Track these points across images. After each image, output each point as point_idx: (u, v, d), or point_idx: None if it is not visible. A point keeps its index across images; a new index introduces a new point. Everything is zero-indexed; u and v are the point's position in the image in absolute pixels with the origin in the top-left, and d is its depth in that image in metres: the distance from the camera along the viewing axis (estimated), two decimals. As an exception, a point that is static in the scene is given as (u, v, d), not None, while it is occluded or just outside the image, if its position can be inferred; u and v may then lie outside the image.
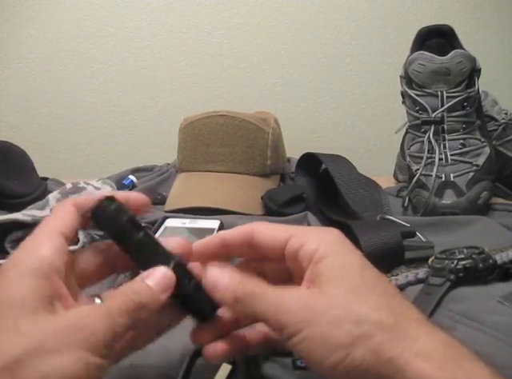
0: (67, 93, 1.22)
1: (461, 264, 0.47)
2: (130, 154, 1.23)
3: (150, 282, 0.29)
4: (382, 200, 0.75)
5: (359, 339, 0.26)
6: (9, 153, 0.79)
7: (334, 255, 0.30)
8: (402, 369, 0.26)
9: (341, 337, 0.26)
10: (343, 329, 0.27)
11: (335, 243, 0.31)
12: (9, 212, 0.63)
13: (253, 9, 1.18)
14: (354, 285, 0.28)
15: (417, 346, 0.26)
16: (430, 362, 0.26)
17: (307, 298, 0.28)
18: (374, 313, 0.27)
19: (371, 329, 0.27)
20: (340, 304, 0.28)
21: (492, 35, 1.18)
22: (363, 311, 0.27)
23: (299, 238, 0.31)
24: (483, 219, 0.67)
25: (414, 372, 0.25)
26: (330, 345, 0.27)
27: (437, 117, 0.74)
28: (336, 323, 0.27)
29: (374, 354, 0.26)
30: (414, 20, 1.16)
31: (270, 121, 0.87)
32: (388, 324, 0.27)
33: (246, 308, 0.30)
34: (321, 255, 0.29)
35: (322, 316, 0.27)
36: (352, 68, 1.21)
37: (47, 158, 1.20)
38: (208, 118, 0.84)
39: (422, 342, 0.26)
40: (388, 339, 0.26)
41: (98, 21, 1.19)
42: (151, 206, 0.33)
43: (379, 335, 0.26)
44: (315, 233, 0.31)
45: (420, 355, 0.26)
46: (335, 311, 0.27)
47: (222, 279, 0.31)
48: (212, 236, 0.34)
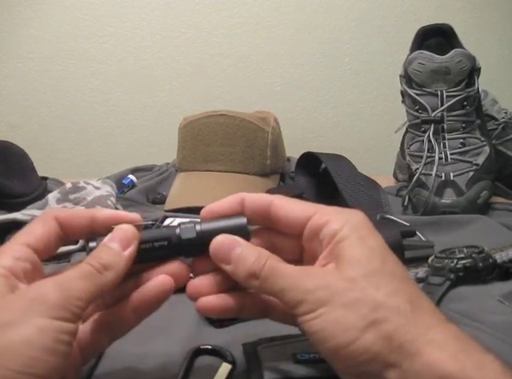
0: (67, 93, 1.22)
1: (461, 263, 0.47)
2: (129, 154, 1.23)
3: (112, 244, 0.30)
4: (381, 199, 0.75)
5: (373, 324, 0.26)
6: (9, 153, 0.79)
7: (357, 237, 0.29)
8: (412, 356, 0.25)
9: (355, 320, 0.26)
10: (359, 312, 0.27)
11: (360, 225, 0.30)
12: (8, 212, 0.63)
13: (252, 9, 1.18)
14: (374, 270, 0.28)
15: (430, 335, 0.26)
16: (442, 351, 0.25)
17: (326, 278, 0.28)
18: (391, 298, 0.27)
19: (386, 315, 0.26)
20: (358, 287, 0.27)
21: (492, 34, 1.18)
22: (380, 296, 0.27)
23: (324, 216, 0.30)
24: (483, 218, 0.67)
25: (424, 359, 0.25)
26: (343, 326, 0.26)
27: (436, 117, 0.74)
28: (352, 305, 0.27)
29: (386, 340, 0.26)
30: (414, 19, 1.16)
31: (269, 121, 0.87)
32: (404, 310, 0.27)
33: (264, 284, 0.29)
34: (344, 235, 0.29)
35: (339, 297, 0.27)
36: (351, 67, 1.21)
37: (47, 158, 1.20)
38: (208, 118, 0.84)
39: (435, 331, 0.26)
40: (402, 325, 0.26)
41: (98, 20, 1.19)
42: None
43: (394, 321, 0.26)
44: (341, 212, 0.31)
45: (432, 343, 0.26)
46: (353, 293, 0.27)
47: (234, 246, 0.30)
48: (233, 195, 0.33)
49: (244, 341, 0.38)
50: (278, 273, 0.29)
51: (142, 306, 0.31)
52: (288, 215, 0.31)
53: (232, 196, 0.33)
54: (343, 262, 0.28)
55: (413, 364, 0.25)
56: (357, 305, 0.27)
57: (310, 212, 0.31)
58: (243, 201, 0.32)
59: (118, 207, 0.69)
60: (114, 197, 0.69)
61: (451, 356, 0.25)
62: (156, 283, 0.31)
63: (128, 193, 0.85)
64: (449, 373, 0.25)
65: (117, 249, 0.30)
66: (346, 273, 0.28)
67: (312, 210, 0.31)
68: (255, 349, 0.37)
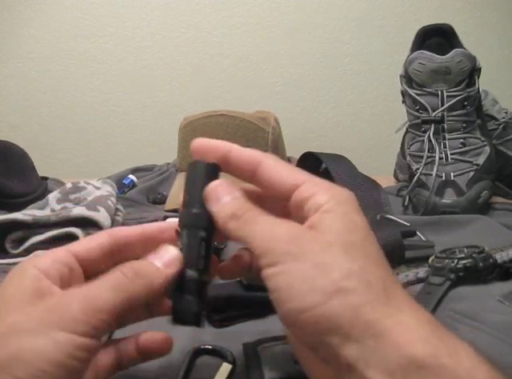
0: (67, 93, 1.22)
1: (461, 263, 0.47)
2: (130, 154, 1.23)
3: (154, 260, 0.29)
4: (382, 199, 0.75)
5: (341, 291, 0.25)
6: (9, 153, 0.79)
7: (341, 211, 0.28)
8: (378, 335, 0.24)
9: (324, 283, 0.25)
10: (329, 276, 0.25)
11: (346, 202, 0.29)
12: (9, 212, 0.63)
13: (252, 9, 1.18)
14: (353, 243, 0.27)
15: (400, 316, 0.25)
16: (412, 334, 0.24)
17: (301, 233, 0.27)
18: (365, 272, 0.26)
19: (357, 286, 0.25)
20: (333, 252, 0.26)
21: (492, 34, 1.18)
22: (355, 267, 0.26)
23: (311, 188, 0.29)
24: (483, 218, 0.67)
25: (392, 340, 0.24)
26: (310, 287, 0.25)
27: (437, 117, 0.74)
28: (324, 268, 0.25)
29: (352, 311, 0.24)
30: (414, 19, 1.16)
31: (269, 121, 0.87)
32: (376, 288, 0.25)
33: (239, 224, 0.28)
34: (328, 208, 0.28)
35: (312, 256, 0.26)
36: (351, 67, 1.21)
37: (47, 158, 1.21)
38: (208, 118, 0.84)
39: (406, 314, 0.25)
40: (371, 301, 0.25)
41: (98, 20, 1.19)
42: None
43: (364, 294, 0.25)
44: (329, 187, 0.29)
45: (402, 325, 0.24)
46: (327, 256, 0.26)
47: (225, 194, 0.30)
48: (219, 142, 0.32)
49: (244, 341, 0.38)
50: (258, 219, 0.28)
51: (145, 352, 0.31)
52: (275, 180, 0.30)
53: (220, 143, 0.32)
54: (323, 229, 0.27)
55: (378, 343, 0.24)
56: (329, 269, 0.25)
57: (299, 181, 0.29)
58: (229, 154, 0.31)
59: (119, 207, 0.69)
60: (115, 197, 0.69)
61: (422, 340, 0.24)
62: (159, 343, 0.31)
63: (128, 193, 0.85)
64: (419, 357, 0.23)
65: (157, 265, 0.29)
66: (324, 238, 0.27)
67: (300, 179, 0.29)
68: (255, 349, 0.37)
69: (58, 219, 0.59)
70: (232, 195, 0.30)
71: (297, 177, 0.30)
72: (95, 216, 0.59)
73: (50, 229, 0.58)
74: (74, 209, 0.61)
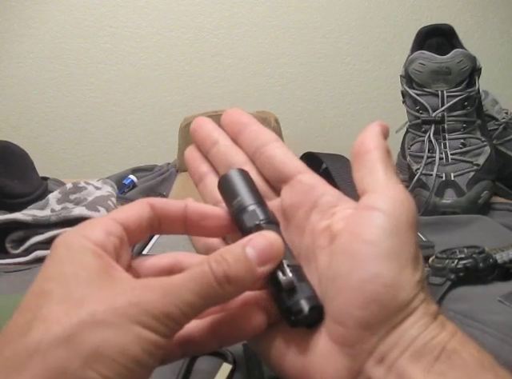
0: (67, 93, 1.22)
1: (461, 263, 0.47)
2: (130, 154, 1.23)
3: (250, 251, 0.25)
4: (382, 199, 0.75)
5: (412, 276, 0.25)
6: (9, 153, 0.79)
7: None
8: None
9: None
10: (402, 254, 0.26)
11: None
12: (9, 212, 0.63)
13: (253, 9, 1.18)
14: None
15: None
16: (450, 333, 0.25)
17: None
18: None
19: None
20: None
21: (492, 34, 1.18)
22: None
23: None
24: (484, 218, 0.67)
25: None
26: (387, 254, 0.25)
27: (437, 117, 0.74)
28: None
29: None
30: (414, 19, 1.16)
31: (270, 121, 0.87)
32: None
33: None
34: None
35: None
36: (351, 67, 1.21)
37: (47, 158, 1.20)
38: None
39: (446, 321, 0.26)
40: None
41: (98, 20, 1.19)
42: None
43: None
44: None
45: (442, 325, 0.26)
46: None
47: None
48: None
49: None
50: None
51: (226, 337, 0.28)
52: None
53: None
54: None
55: (417, 330, 0.25)
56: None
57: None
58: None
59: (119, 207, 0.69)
60: (115, 198, 0.69)
61: (455, 337, 0.25)
62: (251, 325, 0.28)
63: (129, 194, 0.85)
64: (449, 345, 0.25)
65: (252, 262, 0.25)
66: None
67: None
68: (256, 349, 0.37)
69: (58, 219, 0.59)
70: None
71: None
72: (95, 216, 0.59)
73: (50, 229, 0.58)
74: (74, 210, 0.61)
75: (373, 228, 0.26)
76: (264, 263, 0.26)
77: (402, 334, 0.25)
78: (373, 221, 0.26)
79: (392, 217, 0.26)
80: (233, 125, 0.35)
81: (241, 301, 0.29)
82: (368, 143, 0.30)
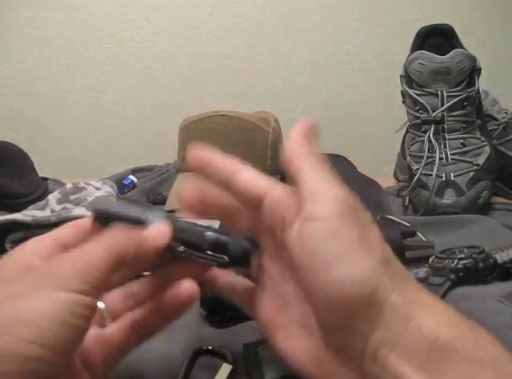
0: (67, 93, 1.22)
1: (461, 263, 0.47)
2: (130, 154, 1.23)
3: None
4: (382, 199, 0.75)
5: (384, 262, 0.26)
6: (9, 153, 0.79)
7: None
8: (405, 320, 0.25)
9: (367, 245, 0.27)
10: (375, 247, 0.27)
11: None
12: (9, 212, 0.63)
13: (253, 9, 1.18)
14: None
15: (420, 301, 0.26)
16: (435, 317, 0.25)
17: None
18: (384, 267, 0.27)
19: (392, 263, 0.27)
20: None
21: (492, 34, 1.18)
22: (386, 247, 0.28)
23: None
24: (483, 218, 0.67)
25: (415, 325, 0.24)
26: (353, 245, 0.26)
27: (437, 117, 0.74)
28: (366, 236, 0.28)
29: (373, 298, 0.25)
30: (414, 19, 1.15)
31: (270, 121, 0.87)
32: (400, 272, 0.27)
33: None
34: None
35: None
36: (352, 67, 1.21)
37: (47, 158, 1.20)
38: (208, 118, 0.84)
39: (425, 301, 0.26)
40: (390, 288, 0.25)
41: (98, 20, 1.19)
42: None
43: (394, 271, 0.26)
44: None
45: (424, 309, 0.25)
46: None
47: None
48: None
49: (244, 341, 0.38)
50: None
51: (169, 311, 0.32)
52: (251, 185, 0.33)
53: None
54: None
55: (404, 327, 0.24)
56: (370, 241, 0.28)
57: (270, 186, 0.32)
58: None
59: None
60: (115, 198, 0.69)
61: (446, 324, 0.25)
62: (183, 290, 0.31)
63: (128, 194, 0.85)
64: (443, 339, 0.24)
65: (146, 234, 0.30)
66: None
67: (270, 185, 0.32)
68: (255, 349, 0.37)
69: (58, 219, 0.59)
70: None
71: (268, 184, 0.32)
72: (95, 216, 0.59)
73: (50, 229, 0.58)
74: (74, 210, 0.61)
75: (314, 238, 0.27)
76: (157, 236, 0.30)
77: (386, 331, 0.25)
78: (314, 232, 0.27)
79: (328, 222, 0.27)
80: (198, 166, 0.35)
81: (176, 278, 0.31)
82: (291, 154, 0.32)
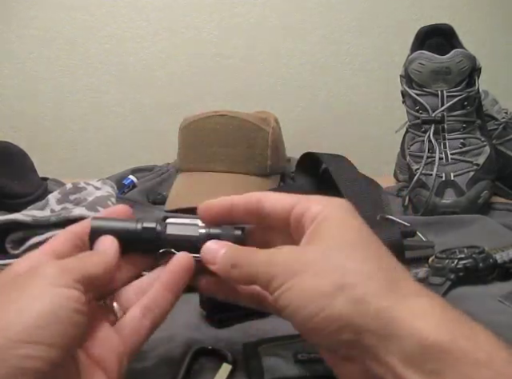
0: (67, 93, 1.22)
1: (461, 263, 0.47)
2: (130, 154, 1.23)
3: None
4: (382, 199, 0.75)
5: (342, 288, 0.26)
6: (9, 154, 0.79)
7: (336, 217, 0.30)
8: (391, 323, 0.24)
9: (323, 287, 0.26)
10: (327, 279, 0.26)
11: (340, 208, 0.31)
12: (9, 212, 0.63)
13: (253, 9, 1.18)
14: (349, 242, 0.28)
15: (409, 302, 0.25)
16: (427, 319, 0.24)
17: (298, 252, 0.29)
18: (362, 265, 0.27)
19: (356, 280, 0.26)
20: (330, 256, 0.27)
21: (492, 34, 1.18)
22: (350, 263, 0.27)
23: (305, 203, 0.31)
24: (483, 218, 0.67)
25: (406, 327, 0.24)
26: (313, 294, 0.26)
27: (437, 117, 0.74)
28: (322, 274, 0.27)
29: (357, 304, 0.25)
30: (414, 19, 1.15)
31: (270, 121, 0.87)
32: (376, 277, 0.26)
33: (242, 270, 0.30)
34: (324, 217, 0.30)
35: (310, 267, 0.27)
36: (351, 67, 1.21)
37: (47, 158, 1.20)
38: (208, 118, 0.84)
39: (418, 300, 0.26)
40: (375, 290, 0.26)
41: (98, 20, 1.19)
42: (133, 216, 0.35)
43: (365, 285, 0.26)
44: (321, 199, 0.32)
45: (415, 311, 0.25)
46: (323, 263, 0.27)
47: (220, 248, 0.32)
48: (222, 198, 0.34)
49: (244, 341, 0.38)
50: (254, 258, 0.30)
51: (172, 284, 0.32)
52: (274, 208, 0.32)
53: (222, 198, 0.34)
54: (318, 238, 0.29)
55: (392, 331, 0.24)
56: (326, 273, 0.27)
57: (294, 201, 0.32)
58: (232, 203, 0.34)
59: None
60: (115, 198, 0.69)
61: (438, 324, 0.24)
62: (179, 262, 0.32)
63: (128, 194, 0.85)
64: (436, 341, 0.23)
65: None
66: (319, 246, 0.28)
67: (295, 200, 0.32)
68: (255, 349, 0.37)
69: (58, 220, 0.59)
70: (225, 247, 0.32)
71: (292, 200, 0.32)
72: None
73: (49, 229, 0.58)
74: (74, 210, 0.61)
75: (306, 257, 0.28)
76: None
77: (376, 336, 0.25)
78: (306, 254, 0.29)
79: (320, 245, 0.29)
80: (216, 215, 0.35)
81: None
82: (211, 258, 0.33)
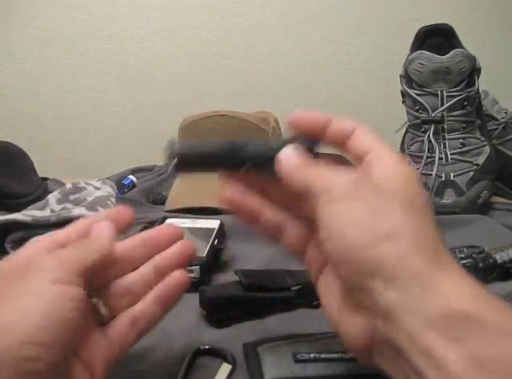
0: (67, 93, 1.22)
1: (461, 263, 0.47)
2: (129, 154, 1.23)
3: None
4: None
5: (393, 237, 0.25)
6: (9, 153, 0.79)
7: (406, 177, 0.29)
8: (425, 285, 0.24)
9: (376, 227, 0.26)
10: (383, 221, 0.26)
11: (412, 173, 0.30)
12: (9, 212, 0.63)
13: (253, 9, 1.18)
14: (413, 202, 0.27)
15: (450, 273, 0.25)
16: (461, 289, 0.24)
17: (363, 179, 0.28)
18: (420, 228, 0.27)
19: (410, 237, 0.25)
20: (392, 202, 0.27)
21: (492, 34, 1.18)
22: (410, 219, 0.26)
23: (386, 151, 0.31)
24: (483, 218, 0.67)
25: (440, 292, 0.24)
26: (362, 229, 0.26)
27: (437, 117, 0.74)
28: (379, 212, 0.26)
29: (400, 258, 0.25)
30: (414, 19, 1.16)
31: (269, 121, 0.87)
32: (428, 244, 0.26)
33: (305, 173, 0.30)
34: (397, 169, 0.29)
35: (370, 199, 0.27)
36: (351, 67, 1.21)
37: (47, 158, 1.20)
38: (208, 118, 0.84)
39: (455, 273, 0.25)
40: (421, 253, 0.25)
41: (98, 20, 1.19)
42: (135, 221, 0.35)
43: (414, 246, 0.25)
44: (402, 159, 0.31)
45: (451, 280, 0.24)
46: (384, 203, 0.27)
47: (294, 153, 0.32)
48: (318, 113, 0.33)
49: (244, 341, 0.38)
50: (322, 167, 0.30)
51: (164, 300, 0.33)
52: (360, 149, 0.32)
53: (318, 114, 0.33)
54: (388, 182, 0.28)
55: (423, 291, 0.24)
56: (384, 214, 0.26)
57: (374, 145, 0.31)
58: (329, 122, 0.33)
59: (119, 207, 0.69)
60: (114, 198, 0.69)
61: (470, 295, 0.24)
62: (173, 279, 0.33)
63: (128, 194, 0.85)
64: (466, 309, 0.23)
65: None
66: (386, 188, 0.28)
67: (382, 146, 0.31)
68: (255, 349, 0.37)
69: (57, 220, 0.59)
70: (299, 153, 0.32)
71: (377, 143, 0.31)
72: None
73: (49, 229, 0.58)
74: (73, 210, 0.61)
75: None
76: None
77: (401, 293, 0.24)
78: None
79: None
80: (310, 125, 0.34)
81: (169, 270, 0.34)
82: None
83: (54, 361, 0.24)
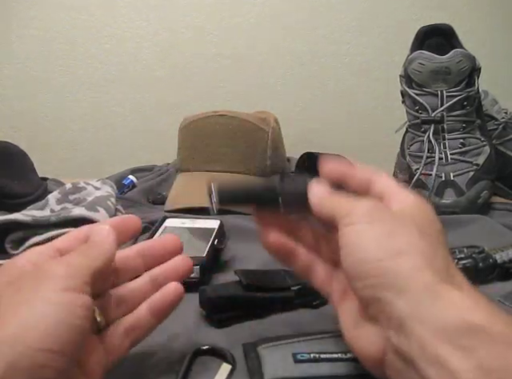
0: (67, 93, 1.22)
1: (461, 263, 0.47)
2: (130, 154, 1.23)
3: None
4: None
5: (407, 254, 0.27)
6: (9, 153, 0.79)
7: (421, 209, 0.31)
8: (437, 296, 0.25)
9: (391, 245, 0.27)
10: (398, 240, 0.28)
11: (426, 205, 0.32)
12: (9, 212, 0.63)
13: (253, 9, 1.18)
14: (425, 230, 0.29)
15: (456, 284, 0.26)
16: (472, 301, 0.25)
17: (380, 206, 0.30)
18: (432, 249, 0.28)
19: (422, 255, 0.27)
20: (406, 227, 0.28)
21: (492, 34, 1.18)
22: (422, 242, 0.28)
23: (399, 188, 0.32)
24: (483, 218, 0.67)
25: (451, 303, 0.25)
26: (378, 245, 0.28)
27: (437, 117, 0.74)
28: (394, 234, 0.28)
29: (412, 271, 0.26)
30: (414, 19, 1.16)
31: (269, 121, 0.87)
32: (439, 262, 0.27)
33: (330, 202, 0.32)
34: (411, 202, 0.31)
35: (386, 223, 0.29)
36: (352, 67, 1.21)
37: (47, 158, 1.20)
38: (208, 118, 0.84)
39: (466, 288, 0.26)
40: (433, 269, 0.26)
41: (98, 20, 1.19)
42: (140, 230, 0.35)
43: (427, 262, 0.27)
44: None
45: (462, 293, 0.25)
46: (399, 228, 0.28)
47: (323, 187, 0.34)
48: (344, 163, 0.35)
49: (244, 341, 0.38)
50: (344, 197, 0.32)
51: (158, 310, 0.34)
52: (380, 191, 0.33)
53: (344, 164, 0.35)
54: (403, 211, 0.30)
55: (435, 302, 0.25)
56: (398, 236, 0.28)
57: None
58: (348, 172, 0.34)
59: (119, 208, 0.69)
60: (114, 198, 0.69)
61: (481, 308, 0.25)
62: (168, 290, 0.34)
63: (128, 194, 0.85)
64: (477, 321, 0.24)
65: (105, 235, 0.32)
66: (401, 216, 0.29)
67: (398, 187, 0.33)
68: (255, 349, 0.37)
69: (57, 220, 0.59)
70: (326, 185, 0.34)
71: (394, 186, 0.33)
72: (95, 216, 0.59)
73: (49, 229, 0.58)
74: (73, 210, 0.61)
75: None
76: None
77: (413, 304, 0.25)
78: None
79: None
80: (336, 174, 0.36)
81: (163, 280, 0.34)
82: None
83: (62, 369, 0.24)
